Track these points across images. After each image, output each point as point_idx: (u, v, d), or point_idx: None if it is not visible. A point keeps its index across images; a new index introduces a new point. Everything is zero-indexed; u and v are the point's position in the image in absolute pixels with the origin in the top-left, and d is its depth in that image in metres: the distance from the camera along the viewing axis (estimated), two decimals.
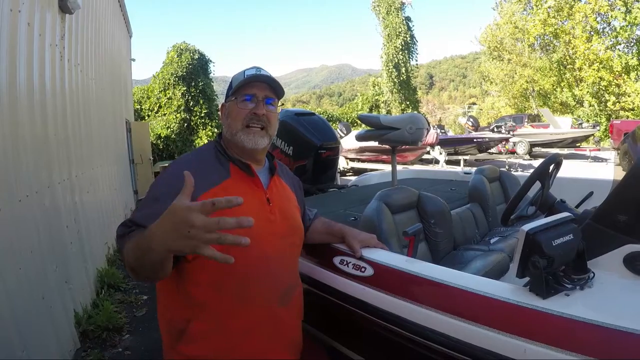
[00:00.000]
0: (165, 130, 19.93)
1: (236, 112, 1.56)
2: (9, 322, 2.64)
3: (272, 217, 1.55)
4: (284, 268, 1.56)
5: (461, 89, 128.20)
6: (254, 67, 1.62)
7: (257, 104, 1.55)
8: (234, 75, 1.65)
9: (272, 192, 1.60)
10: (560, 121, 18.13)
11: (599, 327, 1.12)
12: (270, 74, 1.62)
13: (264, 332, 1.50)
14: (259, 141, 1.56)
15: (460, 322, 1.40)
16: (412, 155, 14.19)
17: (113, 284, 5.15)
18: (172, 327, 1.50)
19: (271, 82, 1.58)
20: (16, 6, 3.20)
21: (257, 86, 1.56)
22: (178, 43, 21.15)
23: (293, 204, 1.75)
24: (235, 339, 1.46)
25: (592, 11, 23.35)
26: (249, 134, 1.54)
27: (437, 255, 2.81)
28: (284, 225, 1.59)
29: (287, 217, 1.63)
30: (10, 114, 3.04)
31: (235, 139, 1.56)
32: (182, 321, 1.46)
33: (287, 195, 1.73)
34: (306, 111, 4.12)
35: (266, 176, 1.65)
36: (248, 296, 1.46)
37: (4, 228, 2.76)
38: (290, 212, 1.68)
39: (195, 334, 1.44)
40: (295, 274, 1.70)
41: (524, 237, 1.31)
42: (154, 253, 1.10)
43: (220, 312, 1.44)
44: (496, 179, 3.97)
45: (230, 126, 1.57)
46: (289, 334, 1.62)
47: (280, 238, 1.56)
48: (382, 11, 27.83)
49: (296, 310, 1.68)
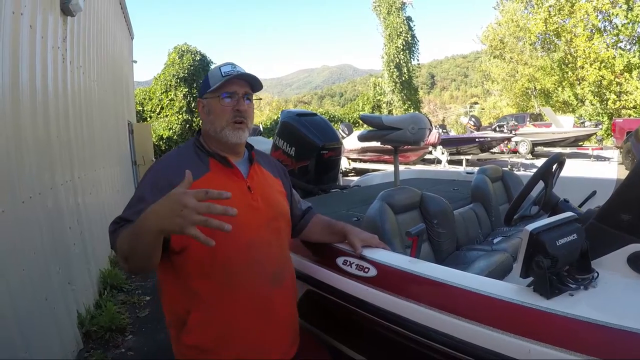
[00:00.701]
0: (167, 132, 20.00)
1: (220, 110, 1.61)
2: (12, 322, 2.65)
3: (254, 204, 1.60)
4: (270, 252, 1.61)
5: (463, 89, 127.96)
6: (228, 63, 1.67)
7: (239, 100, 1.61)
8: (210, 71, 1.70)
9: (252, 181, 1.65)
10: (563, 120, 18.07)
11: (603, 327, 1.12)
12: (244, 69, 1.68)
13: (260, 315, 1.54)
14: (242, 136, 1.63)
15: (464, 322, 1.39)
16: (414, 155, 14.20)
17: (116, 285, 5.15)
18: (175, 319, 1.56)
19: (250, 79, 1.64)
20: (18, 9, 3.20)
21: (236, 83, 1.62)
22: (179, 44, 21.24)
23: (276, 189, 1.79)
24: (230, 326, 1.51)
25: (594, 9, 23.28)
26: (235, 129, 1.61)
27: (440, 256, 2.81)
28: (267, 211, 1.64)
29: (271, 203, 1.68)
30: (13, 116, 3.04)
31: (220, 136, 1.61)
32: (182, 312, 1.52)
33: (269, 181, 1.77)
34: (308, 112, 4.12)
35: (246, 166, 1.70)
36: (237, 283, 1.51)
37: (7, 229, 2.77)
38: (274, 197, 1.73)
39: (194, 323, 1.50)
40: (284, 257, 1.73)
41: (528, 236, 1.30)
42: (147, 234, 1.21)
43: (212, 300, 1.50)
44: (499, 179, 3.97)
45: (214, 123, 1.62)
46: (283, 314, 1.65)
47: (265, 223, 1.61)
48: (383, 11, 27.85)
49: (290, 291, 1.73)
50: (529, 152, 16.74)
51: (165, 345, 3.85)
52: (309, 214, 2.03)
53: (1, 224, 2.69)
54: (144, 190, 1.50)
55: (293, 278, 1.78)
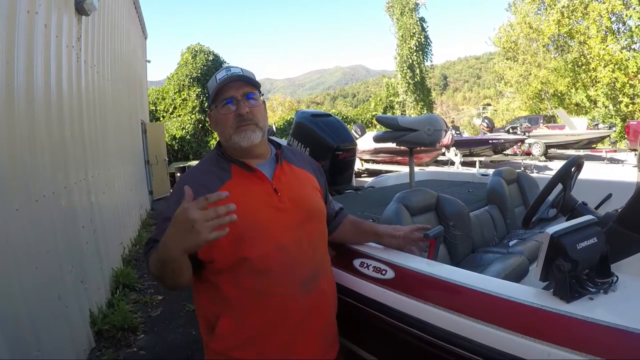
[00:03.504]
0: (180, 131, 20.11)
1: (223, 119, 1.57)
2: (25, 321, 2.66)
3: (281, 206, 1.54)
4: (302, 256, 1.53)
5: (475, 90, 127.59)
6: (223, 68, 1.63)
7: (238, 104, 1.55)
8: (209, 82, 1.67)
9: (279, 182, 1.59)
10: (576, 122, 17.92)
11: (623, 331, 1.10)
12: (241, 68, 1.62)
13: (288, 323, 1.50)
14: (252, 137, 1.56)
15: (482, 325, 1.38)
16: (428, 156, 14.14)
17: (128, 284, 5.19)
18: (206, 324, 1.56)
19: (244, 78, 1.58)
20: (33, 8, 3.22)
21: (232, 86, 1.56)
22: (192, 44, 21.36)
23: (311, 186, 1.73)
24: (258, 333, 1.48)
25: (607, 11, 23.05)
26: (241, 133, 1.55)
27: (455, 258, 2.79)
28: (298, 212, 1.57)
29: (301, 203, 1.61)
30: (28, 115, 3.06)
31: (231, 143, 1.57)
32: (213, 317, 1.52)
33: (301, 179, 1.71)
34: (322, 112, 4.10)
35: (272, 167, 1.64)
36: (265, 289, 1.47)
37: (21, 228, 2.78)
38: (306, 196, 1.67)
39: (223, 329, 1.48)
40: (319, 260, 1.65)
41: (549, 240, 1.28)
42: (172, 260, 1.25)
43: (241, 307, 1.47)
44: (514, 181, 3.94)
45: (223, 133, 1.59)
46: (317, 322, 1.59)
47: (294, 225, 1.54)
48: (396, 12, 27.76)
49: (325, 296, 1.64)
50: (542, 154, 16.57)
51: (176, 345, 3.87)
52: (341, 214, 1.97)
53: (15, 222, 2.70)
54: (169, 212, 1.44)
55: (330, 281, 1.71)
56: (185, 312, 4.53)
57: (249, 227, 1.32)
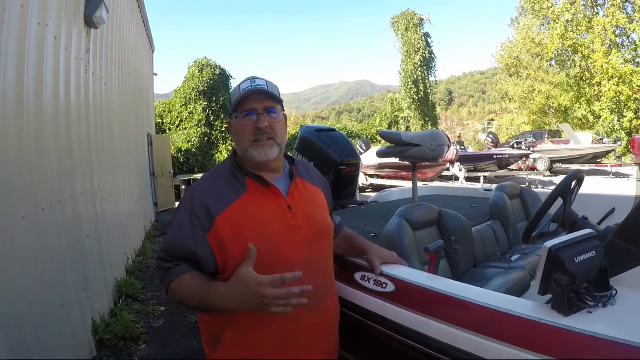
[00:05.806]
0: (186, 144, 20.20)
1: (241, 130, 1.55)
2: (28, 327, 2.67)
3: (295, 223, 1.54)
4: (310, 273, 1.49)
5: (481, 105, 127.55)
6: (248, 79, 1.61)
7: (258, 117, 1.53)
8: (232, 90, 1.66)
9: (293, 198, 1.59)
10: (581, 137, 17.88)
11: (621, 344, 1.11)
12: (266, 81, 1.61)
13: (294, 338, 1.51)
14: (269, 152, 1.54)
15: (482, 339, 1.39)
16: (432, 172, 14.15)
17: (131, 294, 5.18)
18: (210, 338, 1.57)
19: (267, 92, 1.56)
20: (44, 20, 3.28)
21: (254, 99, 1.54)
22: (199, 58, 21.52)
23: (320, 203, 1.73)
24: (263, 348, 1.49)
25: (611, 25, 23.07)
26: (258, 147, 1.53)
27: (457, 273, 2.79)
28: (309, 229, 1.57)
29: (313, 220, 1.61)
30: (37, 125, 3.11)
31: (247, 155, 1.56)
32: (217, 331, 1.52)
33: (314, 196, 1.71)
34: (327, 127, 4.12)
35: (286, 182, 1.64)
36: None
37: (27, 235, 2.81)
38: (317, 213, 1.67)
39: (228, 343, 1.50)
40: (326, 277, 1.67)
41: (547, 253, 1.30)
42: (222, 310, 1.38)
43: (247, 322, 1.47)
44: (517, 196, 3.93)
45: (239, 144, 1.58)
46: (322, 338, 1.61)
47: (306, 243, 1.55)
48: (401, 27, 27.85)
49: (328, 312, 1.66)
50: (547, 169, 16.54)
51: (178, 356, 3.87)
52: (339, 228, 1.98)
53: (21, 229, 2.73)
54: (181, 217, 1.51)
55: (334, 299, 1.73)
56: (187, 324, 4.53)
57: (262, 242, 1.33)
